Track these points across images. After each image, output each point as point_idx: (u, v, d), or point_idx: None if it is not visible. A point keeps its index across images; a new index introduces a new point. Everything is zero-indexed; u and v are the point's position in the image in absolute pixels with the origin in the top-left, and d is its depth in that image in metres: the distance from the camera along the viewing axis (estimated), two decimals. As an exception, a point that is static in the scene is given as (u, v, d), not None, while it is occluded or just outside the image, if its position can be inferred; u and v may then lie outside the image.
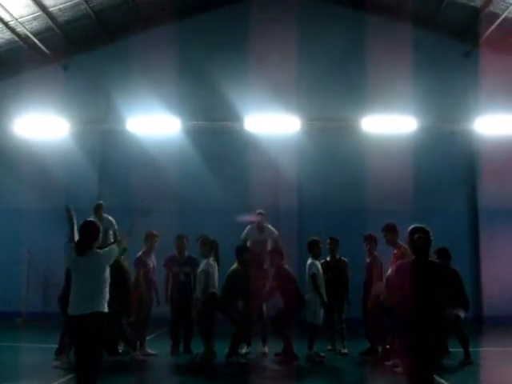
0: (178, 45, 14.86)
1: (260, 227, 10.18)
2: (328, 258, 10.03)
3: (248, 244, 10.17)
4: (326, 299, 9.15)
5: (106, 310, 5.78)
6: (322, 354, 9.29)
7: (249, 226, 10.25)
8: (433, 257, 8.41)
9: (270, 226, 10.31)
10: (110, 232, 10.60)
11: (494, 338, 11.51)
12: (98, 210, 10.78)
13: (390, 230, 8.75)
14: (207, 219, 13.56)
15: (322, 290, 9.21)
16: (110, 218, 10.82)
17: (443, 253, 9.05)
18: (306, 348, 9.18)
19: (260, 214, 10.28)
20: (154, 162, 14.77)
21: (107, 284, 5.88)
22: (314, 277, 9.17)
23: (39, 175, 14.95)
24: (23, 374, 8.02)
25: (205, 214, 14.07)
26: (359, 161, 14.59)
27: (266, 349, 9.88)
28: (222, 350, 8.91)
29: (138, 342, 9.36)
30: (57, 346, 8.57)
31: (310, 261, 9.40)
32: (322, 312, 9.20)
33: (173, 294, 9.78)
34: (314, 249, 9.48)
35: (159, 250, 9.96)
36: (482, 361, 9.36)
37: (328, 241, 10.01)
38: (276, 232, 10.27)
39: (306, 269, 9.38)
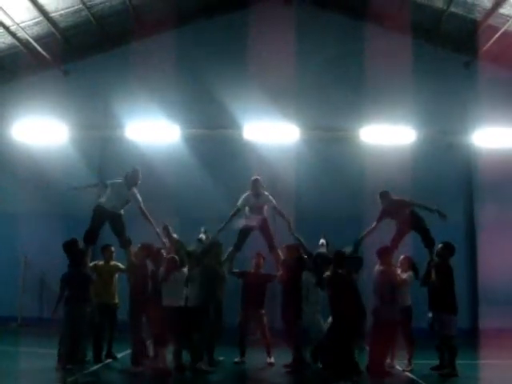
0: (177, 52, 14.86)
1: (255, 193, 10.11)
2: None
3: (246, 210, 10.16)
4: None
5: None
6: None
7: (245, 194, 10.19)
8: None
9: (266, 193, 10.23)
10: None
11: (489, 350, 11.48)
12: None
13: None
14: (204, 226, 13.52)
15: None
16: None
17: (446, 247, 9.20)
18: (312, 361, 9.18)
19: (255, 180, 10.19)
20: (152, 168, 14.72)
21: None
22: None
23: (37, 180, 14.92)
24: (18, 379, 8.01)
25: (202, 222, 14.02)
26: (357, 171, 14.58)
27: (272, 359, 9.83)
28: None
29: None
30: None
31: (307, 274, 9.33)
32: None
33: None
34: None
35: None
36: (471, 373, 9.34)
37: None
38: (273, 201, 10.17)
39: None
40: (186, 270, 9.05)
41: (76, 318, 8.00)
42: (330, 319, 8.76)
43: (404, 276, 9.32)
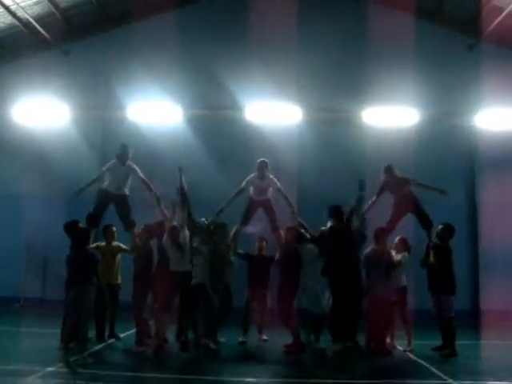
0: (179, 33, 14.74)
1: (261, 176, 10.10)
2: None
3: (250, 190, 10.15)
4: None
5: None
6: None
7: (251, 175, 10.19)
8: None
9: (271, 176, 10.21)
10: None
11: (489, 331, 11.57)
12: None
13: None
14: (206, 207, 13.51)
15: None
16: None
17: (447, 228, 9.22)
18: (313, 340, 9.13)
19: (262, 162, 10.17)
20: (153, 149, 14.70)
21: None
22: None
23: (38, 161, 14.89)
24: (22, 358, 8.05)
25: (203, 202, 13.99)
26: (360, 152, 14.54)
27: (264, 336, 10.03)
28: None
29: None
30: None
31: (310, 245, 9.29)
32: (326, 298, 9.09)
33: None
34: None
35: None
36: (471, 353, 9.43)
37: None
38: (278, 184, 10.13)
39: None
40: (187, 232, 9.07)
41: (81, 298, 7.98)
42: (326, 294, 8.86)
43: (398, 257, 9.32)
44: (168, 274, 8.79)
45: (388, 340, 9.18)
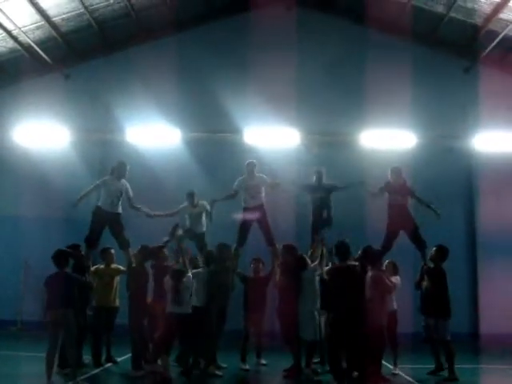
0: (178, 56, 14.95)
1: (250, 176, 10.17)
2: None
3: (244, 197, 10.17)
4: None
5: None
6: (319, 371, 9.13)
7: (239, 178, 10.27)
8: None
9: (261, 175, 10.29)
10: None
11: (488, 355, 11.51)
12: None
13: None
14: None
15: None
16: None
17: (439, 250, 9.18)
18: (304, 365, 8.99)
19: (249, 163, 10.29)
20: (153, 172, 14.77)
21: None
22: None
23: (37, 184, 14.90)
24: (18, 383, 7.97)
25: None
26: (357, 175, 14.53)
27: (263, 360, 9.95)
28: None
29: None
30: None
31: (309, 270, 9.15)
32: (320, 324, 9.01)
33: None
34: None
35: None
36: (471, 378, 9.36)
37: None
38: (267, 179, 10.23)
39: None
40: (190, 275, 9.02)
41: (59, 323, 7.81)
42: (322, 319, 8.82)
43: (392, 280, 9.25)
44: (164, 313, 8.64)
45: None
